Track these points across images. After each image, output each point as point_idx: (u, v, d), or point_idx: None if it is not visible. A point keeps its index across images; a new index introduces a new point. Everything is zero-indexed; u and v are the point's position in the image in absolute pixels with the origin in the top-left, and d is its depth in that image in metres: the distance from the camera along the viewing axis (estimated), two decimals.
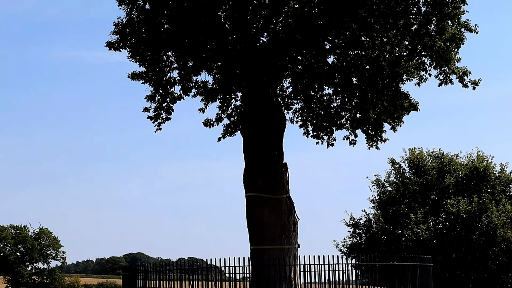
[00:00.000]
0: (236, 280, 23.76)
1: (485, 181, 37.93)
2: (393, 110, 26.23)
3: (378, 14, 24.03)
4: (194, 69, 27.52)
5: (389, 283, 25.32)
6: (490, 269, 35.85)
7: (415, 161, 39.20)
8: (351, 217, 40.37)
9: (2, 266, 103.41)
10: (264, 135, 26.56)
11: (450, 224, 36.61)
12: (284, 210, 26.23)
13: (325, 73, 26.10)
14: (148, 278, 25.05)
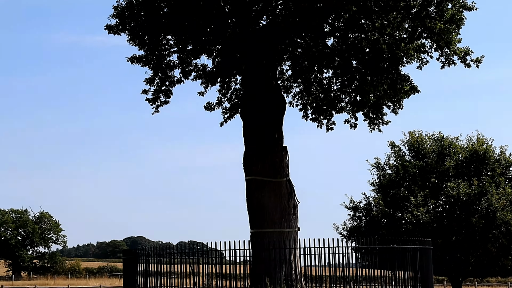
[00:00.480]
0: (236, 263, 23.78)
1: (485, 164, 37.89)
2: (393, 93, 26.17)
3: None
4: (194, 53, 27.47)
5: (389, 266, 25.37)
6: (490, 252, 35.90)
7: (415, 144, 39.15)
8: (351, 200, 40.42)
9: (3, 250, 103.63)
10: (263, 118, 26.53)
11: (450, 207, 36.62)
12: (284, 193, 26.25)
13: (324, 56, 26.02)
14: (149, 261, 25.09)
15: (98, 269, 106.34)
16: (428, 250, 26.75)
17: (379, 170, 40.25)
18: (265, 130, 26.54)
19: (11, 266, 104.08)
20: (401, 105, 27.15)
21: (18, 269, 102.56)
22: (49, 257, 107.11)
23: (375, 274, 25.57)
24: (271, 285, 23.10)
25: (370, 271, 25.66)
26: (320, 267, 23.89)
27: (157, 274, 24.66)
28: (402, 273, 25.19)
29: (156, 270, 24.77)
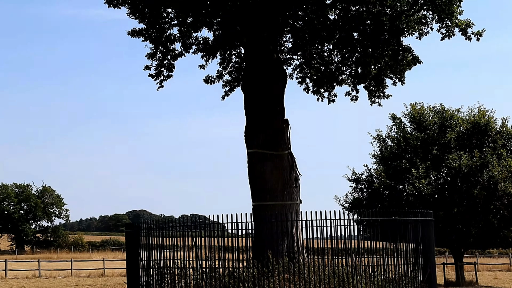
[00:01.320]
0: (238, 236, 23.86)
1: (486, 135, 37.89)
2: (395, 65, 26.11)
3: None
4: (194, 26, 27.40)
5: (390, 238, 25.43)
6: (491, 224, 35.98)
7: (416, 116, 39.12)
8: (353, 172, 40.48)
9: (6, 225, 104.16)
10: (264, 91, 26.52)
11: (451, 179, 36.67)
12: (286, 166, 26.30)
13: (325, 29, 25.93)
14: (151, 235, 25.16)
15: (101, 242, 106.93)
16: (429, 222, 26.81)
17: (380, 143, 40.27)
18: (266, 103, 26.53)
19: (14, 240, 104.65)
20: (402, 77, 27.10)
21: (21, 243, 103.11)
22: (52, 231, 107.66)
23: (376, 246, 25.66)
24: (273, 258, 23.19)
25: (371, 243, 25.75)
26: (322, 239, 23.95)
27: (160, 247, 24.76)
28: (403, 245, 25.27)
29: (158, 243, 24.86)
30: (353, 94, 28.45)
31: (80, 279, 42.56)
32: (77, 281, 40.84)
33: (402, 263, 24.93)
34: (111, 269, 48.78)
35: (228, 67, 29.32)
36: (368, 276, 23.74)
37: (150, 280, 24.90)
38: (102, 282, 38.88)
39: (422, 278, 25.53)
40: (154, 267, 24.84)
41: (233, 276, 22.98)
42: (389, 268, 24.78)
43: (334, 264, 23.64)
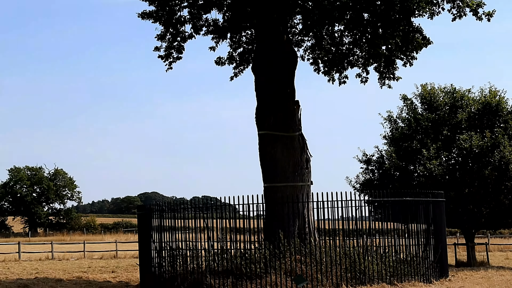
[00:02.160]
0: (250, 217, 23.88)
1: (497, 116, 37.67)
2: (405, 45, 25.98)
3: None
4: (204, 7, 27.34)
5: (402, 218, 25.41)
6: (502, 204, 35.89)
7: (427, 97, 38.94)
8: (364, 153, 40.37)
9: (19, 207, 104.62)
10: (275, 72, 26.47)
11: (462, 160, 36.53)
12: (297, 147, 26.29)
13: (336, 9, 25.76)
14: (163, 216, 25.21)
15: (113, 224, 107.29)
16: (440, 202, 26.77)
17: (391, 123, 40.13)
18: (277, 85, 26.49)
19: (27, 222, 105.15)
20: (413, 57, 26.98)
21: (34, 225, 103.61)
22: (64, 213, 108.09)
23: (388, 227, 25.64)
24: (284, 239, 23.21)
25: (383, 224, 25.73)
26: (333, 220, 23.96)
27: (172, 229, 24.80)
28: (415, 226, 25.25)
29: (170, 225, 24.90)
30: (363, 75, 28.41)
31: (92, 261, 42.74)
32: (90, 263, 41.02)
33: (413, 243, 24.94)
34: (123, 251, 48.94)
35: (238, 48, 29.29)
36: (380, 257, 23.75)
37: (162, 261, 24.98)
38: (115, 264, 39.03)
39: (434, 259, 25.53)
40: (166, 248, 24.91)
41: (245, 257, 23.02)
42: (400, 249, 24.79)
43: (345, 245, 23.66)
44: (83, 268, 35.76)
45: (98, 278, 29.71)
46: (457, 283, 24.93)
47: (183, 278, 23.55)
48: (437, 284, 23.69)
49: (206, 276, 22.93)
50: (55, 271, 34.16)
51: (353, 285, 21.92)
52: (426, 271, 24.58)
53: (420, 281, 23.72)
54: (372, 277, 22.60)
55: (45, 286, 26.29)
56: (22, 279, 29.38)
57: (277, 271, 22.28)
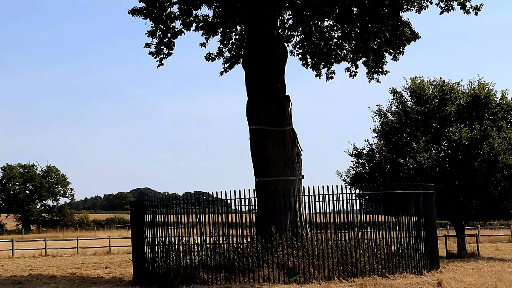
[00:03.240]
0: (242, 212, 23.90)
1: (486, 108, 37.74)
2: (394, 40, 26.01)
3: None
4: (194, 3, 27.32)
5: (392, 211, 25.46)
6: (492, 196, 35.94)
7: (416, 90, 38.97)
8: (354, 147, 40.38)
9: (12, 205, 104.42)
10: (265, 68, 26.47)
11: (452, 152, 36.59)
12: (288, 142, 26.31)
13: (325, 4, 25.79)
14: (156, 212, 25.21)
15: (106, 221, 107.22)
16: (431, 194, 26.83)
17: (381, 117, 40.15)
18: (267, 80, 26.48)
19: (20, 220, 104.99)
20: (401, 51, 27.01)
21: (27, 222, 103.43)
22: (57, 210, 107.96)
23: (379, 219, 25.70)
24: (276, 233, 23.24)
25: (374, 217, 25.79)
26: (325, 214, 24.00)
27: (164, 224, 24.80)
28: (405, 218, 25.31)
29: (163, 221, 24.90)
30: (352, 70, 28.41)
31: (86, 257, 42.70)
32: (84, 259, 40.98)
33: (404, 236, 25.00)
34: (116, 247, 48.92)
35: (228, 44, 29.27)
36: (371, 249, 23.81)
37: (155, 257, 24.98)
38: (108, 260, 39.01)
39: (424, 251, 25.60)
40: (159, 244, 24.92)
41: (237, 251, 23.05)
42: (391, 241, 24.86)
43: (337, 239, 23.71)
44: (76, 264, 35.73)
45: (91, 274, 29.70)
46: (448, 275, 25.01)
47: (176, 273, 23.56)
48: (428, 276, 23.76)
49: (199, 270, 22.95)
50: (49, 267, 34.13)
51: (345, 278, 21.96)
52: (417, 263, 24.65)
53: (412, 273, 23.79)
54: (364, 269, 22.65)
55: (39, 282, 26.26)
56: (16, 276, 29.35)
57: (270, 265, 22.31)
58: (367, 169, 39.36)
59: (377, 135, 40.10)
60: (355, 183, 38.42)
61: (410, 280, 22.21)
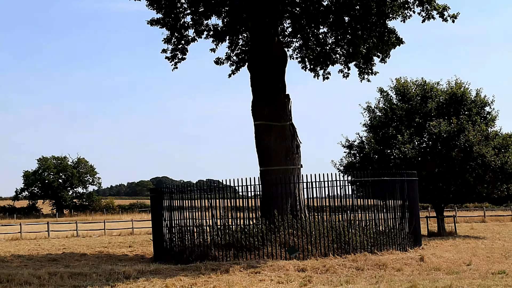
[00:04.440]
0: (248, 197, 23.86)
1: (462, 104, 37.60)
2: (381, 45, 25.90)
3: None
4: (205, 14, 27.22)
5: (380, 196, 25.41)
6: (467, 181, 35.86)
7: (401, 89, 38.85)
8: (347, 139, 40.27)
9: (47, 192, 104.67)
10: (268, 70, 26.41)
11: (432, 143, 36.47)
12: (288, 135, 26.25)
13: (320, 14, 25.70)
14: (173, 198, 25.20)
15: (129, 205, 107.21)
16: (414, 181, 26.76)
17: (370, 113, 40.02)
18: (270, 81, 26.44)
19: (54, 205, 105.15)
20: (388, 55, 26.91)
21: (61, 207, 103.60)
22: (87, 196, 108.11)
23: (368, 203, 25.64)
24: (279, 215, 23.19)
25: (364, 200, 25.72)
26: (321, 198, 23.93)
27: (180, 208, 24.77)
28: (392, 202, 25.24)
29: (179, 205, 24.88)
30: (345, 71, 28.29)
31: (112, 237, 42.72)
32: (110, 239, 40.99)
33: (391, 217, 24.93)
34: (138, 228, 48.93)
35: (235, 50, 29.18)
36: (362, 229, 23.74)
37: (173, 237, 24.98)
38: (131, 240, 39.01)
39: (408, 230, 25.54)
40: (175, 226, 24.90)
41: (244, 232, 23.00)
42: (379, 222, 24.79)
43: (331, 220, 23.64)
44: (104, 244, 35.74)
45: (117, 252, 29.69)
46: (429, 251, 24.94)
47: (191, 251, 23.54)
48: (411, 252, 23.70)
49: (211, 248, 22.92)
50: (80, 246, 34.14)
51: (339, 254, 21.89)
52: (402, 241, 24.59)
53: (397, 249, 23.73)
54: (355, 247, 22.60)
55: (71, 259, 26.26)
56: (51, 254, 29.37)
57: (273, 243, 22.27)
58: (358, 159, 39.28)
59: (366, 129, 40.00)
60: (347, 171, 38.32)
61: (396, 256, 22.15)
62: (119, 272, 19.30)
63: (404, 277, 18.09)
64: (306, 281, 17.44)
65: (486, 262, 22.61)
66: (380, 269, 19.82)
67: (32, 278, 18.64)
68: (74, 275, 19.24)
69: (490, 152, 35.34)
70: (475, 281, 15.94)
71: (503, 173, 36.11)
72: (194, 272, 19.16)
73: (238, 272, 18.96)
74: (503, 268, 20.26)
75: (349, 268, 19.88)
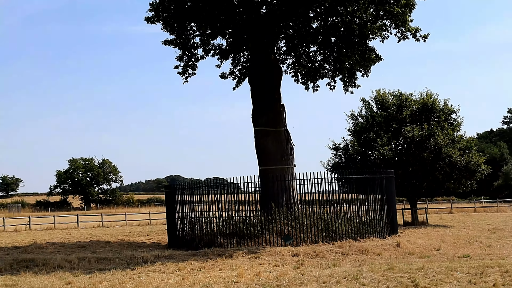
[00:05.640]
0: (249, 192, 23.87)
1: (432, 112, 37.63)
2: (363, 61, 25.90)
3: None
4: (212, 35, 27.22)
5: (362, 191, 25.41)
6: (437, 178, 35.89)
7: (380, 99, 38.89)
8: (333, 142, 40.29)
9: (76, 188, 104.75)
10: (266, 83, 26.47)
11: (407, 146, 36.49)
12: (283, 139, 26.26)
13: (310, 35, 25.71)
14: (184, 193, 25.20)
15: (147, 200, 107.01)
16: (391, 178, 26.77)
17: (353, 120, 40.06)
18: (267, 92, 26.49)
19: (83, 199, 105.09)
20: (369, 70, 26.90)
21: (88, 202, 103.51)
22: (110, 192, 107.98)
23: (352, 197, 25.63)
24: (275, 208, 23.19)
25: (348, 195, 25.72)
26: (311, 193, 23.95)
27: (190, 202, 24.77)
28: (372, 196, 25.25)
29: (189, 200, 24.88)
30: (332, 84, 28.27)
31: (132, 227, 42.67)
32: (130, 229, 40.95)
33: (372, 209, 24.93)
34: (155, 219, 48.87)
35: (237, 66, 29.16)
36: (346, 220, 23.74)
37: (184, 227, 24.96)
38: (149, 229, 38.97)
39: (387, 220, 25.53)
40: (186, 217, 24.89)
41: (246, 222, 23.00)
42: (362, 213, 24.79)
43: (320, 212, 23.65)
44: (125, 233, 35.71)
45: (136, 240, 29.67)
46: (405, 238, 24.93)
47: (200, 239, 23.54)
48: (389, 239, 23.69)
49: (217, 237, 22.92)
50: (105, 235, 34.12)
51: (327, 241, 21.89)
52: (381, 229, 24.59)
53: (377, 237, 23.73)
54: (341, 235, 22.59)
55: (97, 246, 26.24)
56: (80, 241, 29.34)
57: (270, 232, 22.26)
58: (343, 159, 39.29)
59: (350, 134, 40.02)
60: (334, 170, 38.35)
61: (376, 242, 22.15)
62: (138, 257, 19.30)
63: (383, 261, 18.08)
64: (299, 264, 17.43)
65: (453, 247, 22.61)
66: (363, 254, 19.81)
67: (64, 262, 18.65)
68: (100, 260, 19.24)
69: (456, 153, 35.39)
70: (443, 264, 15.94)
71: (467, 171, 36.16)
72: (202, 257, 19.16)
73: (241, 257, 18.95)
74: (467, 252, 20.26)
75: (336, 253, 19.87)
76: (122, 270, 16.81)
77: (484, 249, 21.95)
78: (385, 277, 13.97)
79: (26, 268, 17.68)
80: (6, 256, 21.73)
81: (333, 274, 14.71)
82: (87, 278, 15.63)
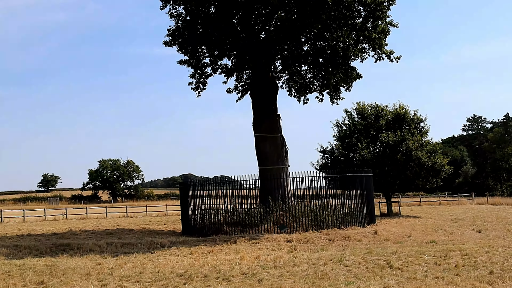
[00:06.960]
0: (250, 188, 23.90)
1: (404, 121, 37.62)
2: (346, 79, 25.95)
3: (334, 18, 23.59)
4: (219, 56, 27.25)
5: (346, 187, 25.43)
6: (408, 177, 35.88)
7: (360, 110, 38.91)
8: (321, 146, 40.23)
9: (105, 184, 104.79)
10: (264, 96, 26.52)
11: (383, 149, 36.48)
12: (279, 143, 26.28)
13: (302, 56, 25.76)
14: (195, 189, 25.21)
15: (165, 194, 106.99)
16: (370, 176, 26.79)
17: (338, 127, 40.06)
18: (266, 104, 26.53)
19: (110, 194, 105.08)
20: (351, 86, 26.92)
21: (115, 196, 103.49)
22: (133, 188, 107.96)
23: (337, 192, 25.64)
24: (272, 201, 23.21)
25: (334, 191, 25.72)
26: (303, 189, 23.97)
27: (201, 196, 24.78)
28: (354, 192, 25.25)
29: (200, 194, 24.89)
30: (320, 97, 28.29)
31: (152, 217, 42.65)
32: (151, 218, 40.93)
33: (353, 203, 24.95)
34: (171, 211, 48.86)
35: (241, 82, 29.18)
36: (332, 211, 23.75)
37: (195, 217, 24.95)
38: (166, 219, 38.95)
39: (366, 212, 25.54)
40: (197, 209, 24.89)
41: (248, 213, 23.01)
42: (345, 206, 24.80)
43: (310, 205, 23.66)
44: (146, 222, 35.69)
45: (155, 228, 29.65)
46: (381, 226, 24.91)
47: (208, 227, 23.54)
48: (368, 228, 23.68)
49: (223, 225, 22.93)
50: (129, 224, 34.09)
51: (316, 230, 21.90)
52: (362, 219, 24.59)
53: (358, 226, 23.73)
54: (328, 224, 22.60)
55: (123, 233, 26.23)
56: (108, 229, 29.32)
57: (268, 222, 22.28)
58: (330, 160, 39.29)
59: (335, 139, 40.01)
60: (322, 170, 38.32)
61: (357, 230, 22.14)
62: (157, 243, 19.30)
63: (363, 246, 18.09)
64: (292, 249, 17.44)
65: (422, 234, 22.61)
66: (346, 240, 19.81)
67: (95, 246, 18.65)
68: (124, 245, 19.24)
69: (424, 155, 35.38)
70: (414, 248, 15.95)
71: (433, 171, 36.14)
72: (211, 243, 19.16)
73: (243, 243, 18.96)
74: (433, 239, 20.26)
75: (324, 240, 19.88)
76: (143, 253, 16.83)
77: (448, 236, 21.95)
78: (364, 259, 14.00)
79: (63, 251, 17.70)
80: (47, 241, 21.75)
81: (321, 257, 14.73)
82: (114, 260, 15.65)
